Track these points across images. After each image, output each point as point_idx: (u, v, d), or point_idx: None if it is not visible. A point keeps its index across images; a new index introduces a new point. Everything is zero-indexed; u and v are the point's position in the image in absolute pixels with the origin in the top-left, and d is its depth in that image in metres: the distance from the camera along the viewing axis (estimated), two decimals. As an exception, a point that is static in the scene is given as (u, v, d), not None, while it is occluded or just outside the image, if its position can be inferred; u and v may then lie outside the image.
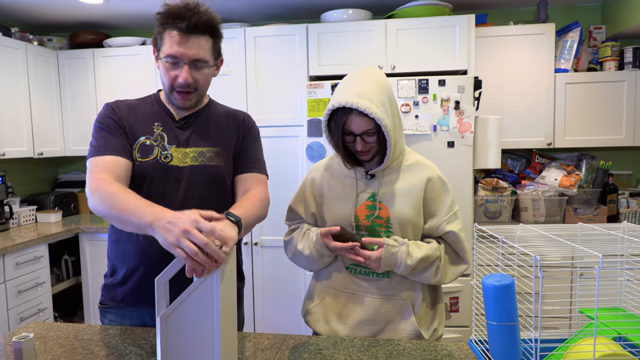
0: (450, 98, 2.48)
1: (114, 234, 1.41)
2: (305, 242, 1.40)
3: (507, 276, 0.80)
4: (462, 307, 2.54)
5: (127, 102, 1.41)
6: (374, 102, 1.23)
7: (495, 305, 0.79)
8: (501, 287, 0.77)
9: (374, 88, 1.26)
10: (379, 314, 1.35)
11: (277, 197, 2.91)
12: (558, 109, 2.90)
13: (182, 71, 1.27)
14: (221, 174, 1.39)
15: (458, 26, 2.70)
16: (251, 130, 1.48)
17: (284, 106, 2.92)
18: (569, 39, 2.91)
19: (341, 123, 1.27)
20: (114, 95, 3.27)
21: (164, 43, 1.27)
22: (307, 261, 1.41)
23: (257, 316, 3.02)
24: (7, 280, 2.60)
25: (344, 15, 2.89)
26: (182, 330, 1.06)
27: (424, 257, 1.30)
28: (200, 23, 1.24)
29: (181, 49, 1.25)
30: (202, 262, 0.97)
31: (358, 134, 1.28)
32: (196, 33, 1.25)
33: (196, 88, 1.32)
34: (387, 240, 1.30)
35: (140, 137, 1.35)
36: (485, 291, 0.81)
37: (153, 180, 1.32)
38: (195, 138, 1.38)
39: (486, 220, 2.93)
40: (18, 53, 3.04)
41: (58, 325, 1.40)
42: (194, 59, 1.27)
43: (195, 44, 1.26)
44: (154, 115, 1.38)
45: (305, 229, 1.44)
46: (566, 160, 3.13)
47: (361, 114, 1.24)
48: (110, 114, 1.35)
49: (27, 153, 3.11)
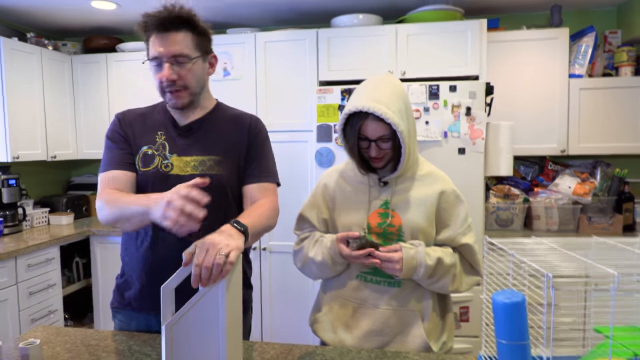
0: (461, 104, 2.45)
1: (127, 239, 1.43)
2: (318, 249, 1.38)
3: (517, 293, 0.77)
4: (473, 317, 2.50)
5: (135, 112, 1.44)
6: (390, 108, 1.23)
7: (505, 323, 0.77)
8: (512, 305, 0.75)
9: (391, 94, 1.26)
10: (387, 325, 1.33)
11: (285, 202, 2.90)
12: (572, 115, 2.85)
13: (164, 69, 1.26)
14: (221, 183, 1.36)
15: (470, 31, 2.67)
16: (259, 135, 1.44)
17: (294, 111, 2.91)
18: (583, 43, 2.87)
19: (357, 128, 1.27)
20: (126, 99, 3.30)
21: (150, 50, 1.30)
22: (319, 268, 1.39)
23: (264, 322, 3.01)
24: (19, 282, 2.62)
25: (354, 20, 2.88)
26: (187, 340, 1.05)
27: (441, 257, 1.29)
28: (173, 17, 1.26)
29: (160, 48, 1.26)
30: (183, 223, 1.01)
31: (373, 139, 1.28)
32: (173, 29, 1.26)
33: (185, 86, 1.30)
34: (403, 244, 1.29)
35: (143, 147, 1.37)
36: (495, 308, 0.79)
37: (154, 190, 1.31)
38: (196, 146, 1.37)
39: (497, 228, 2.89)
40: (33, 58, 3.08)
41: (66, 329, 1.40)
42: (173, 55, 1.26)
43: (172, 40, 1.26)
44: (158, 123, 1.40)
45: (318, 236, 1.42)
46: (580, 168, 3.07)
47: (377, 119, 1.24)
48: (116, 127, 1.40)
49: (40, 156, 3.15)
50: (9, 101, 2.89)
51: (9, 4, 2.92)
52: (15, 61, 2.94)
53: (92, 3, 2.90)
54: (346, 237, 1.31)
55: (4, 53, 2.84)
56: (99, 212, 1.27)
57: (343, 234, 1.32)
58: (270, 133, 2.84)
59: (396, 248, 1.28)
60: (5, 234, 2.93)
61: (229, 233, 1.09)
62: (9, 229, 2.96)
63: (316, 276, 1.45)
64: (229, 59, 2.96)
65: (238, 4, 2.96)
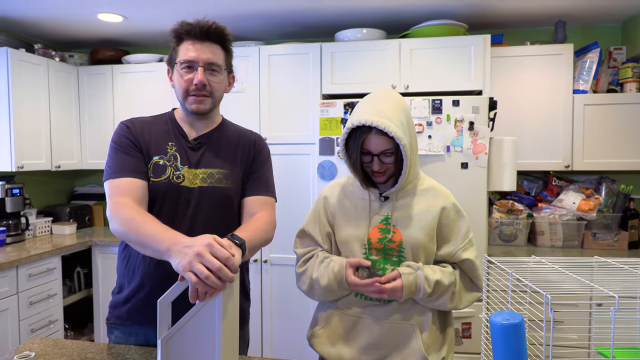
0: (464, 118, 2.45)
1: (123, 251, 1.42)
2: (324, 271, 1.35)
3: (516, 314, 0.76)
4: (475, 333, 2.47)
5: (142, 120, 1.42)
6: (393, 122, 1.23)
7: (503, 345, 0.75)
8: (510, 327, 0.73)
9: (394, 108, 1.27)
10: (386, 338, 1.32)
11: (288, 215, 2.90)
12: (576, 130, 2.84)
13: (197, 73, 1.30)
14: (229, 195, 1.38)
15: (473, 46, 2.68)
16: (262, 152, 1.47)
17: (297, 124, 2.92)
18: (587, 59, 2.86)
19: (360, 142, 1.27)
20: (131, 111, 3.32)
21: (179, 54, 1.33)
22: (323, 292, 1.36)
23: (264, 334, 2.98)
24: (20, 292, 2.62)
25: (358, 35, 2.90)
26: (183, 354, 1.04)
27: (440, 280, 1.28)
28: (212, 30, 1.32)
29: (195, 53, 1.31)
30: (212, 285, 0.97)
31: (376, 153, 1.27)
32: (208, 40, 1.32)
33: (212, 93, 1.35)
34: (402, 270, 1.28)
35: (154, 157, 1.35)
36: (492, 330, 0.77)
37: (165, 200, 1.33)
38: (205, 159, 1.38)
39: (501, 243, 2.86)
40: (40, 69, 3.12)
41: (63, 342, 1.39)
42: (208, 62, 1.32)
43: (208, 49, 1.32)
44: (168, 134, 1.39)
45: (322, 257, 1.39)
46: (585, 184, 3.05)
47: (380, 133, 1.24)
48: (126, 133, 1.36)
49: (45, 166, 3.17)
50: (15, 111, 2.91)
51: (18, 16, 2.96)
52: (22, 72, 2.97)
53: (99, 15, 2.94)
54: (357, 263, 1.29)
55: (11, 64, 2.88)
56: (110, 223, 1.23)
57: (355, 260, 1.30)
58: (273, 146, 2.90)
59: (395, 276, 1.27)
60: (7, 243, 2.94)
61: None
62: (12, 238, 2.97)
63: (321, 299, 1.41)
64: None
65: (243, 17, 2.99)
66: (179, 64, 1.33)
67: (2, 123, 2.91)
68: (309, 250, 1.44)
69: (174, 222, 1.31)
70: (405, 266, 1.30)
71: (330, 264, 1.35)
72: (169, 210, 1.33)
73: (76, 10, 2.84)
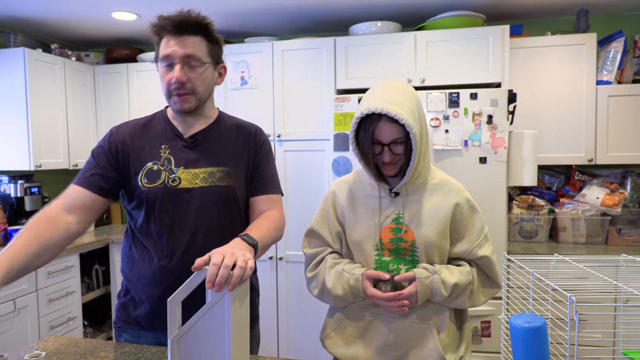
0: (482, 112, 2.38)
1: (128, 254, 1.38)
2: (338, 282, 1.31)
3: (538, 317, 0.71)
4: (494, 332, 2.41)
5: (134, 124, 1.38)
6: (404, 109, 1.19)
7: (523, 349, 0.71)
8: (531, 330, 0.69)
9: (404, 96, 1.22)
10: (401, 337, 1.28)
11: (302, 212, 2.88)
12: (600, 123, 2.74)
13: (175, 70, 1.24)
14: (233, 194, 1.34)
15: (492, 37, 2.61)
16: (263, 146, 1.42)
17: (311, 120, 2.89)
18: (612, 49, 2.76)
19: (370, 131, 1.22)
20: (146, 108, 3.34)
21: (160, 50, 1.27)
22: (337, 301, 1.34)
23: (280, 334, 2.97)
24: (39, 289, 2.66)
25: (372, 28, 2.85)
26: (194, 354, 1.02)
27: (457, 282, 1.24)
28: (189, 21, 1.24)
29: (172, 48, 1.24)
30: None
31: (386, 143, 1.22)
32: (187, 33, 1.25)
33: (193, 90, 1.28)
34: (417, 273, 1.24)
35: (147, 163, 1.32)
36: (513, 333, 0.73)
37: (163, 205, 1.30)
38: (204, 158, 1.34)
39: (521, 240, 2.79)
40: (57, 68, 3.15)
41: (76, 340, 1.39)
42: (185, 56, 1.24)
43: (186, 43, 1.24)
44: (161, 136, 1.35)
45: (331, 262, 1.36)
46: (609, 178, 2.94)
47: (390, 120, 1.19)
48: (105, 144, 1.34)
49: (62, 165, 3.21)
50: (32, 111, 2.95)
51: (35, 16, 3.00)
52: (39, 72, 3.01)
53: (113, 14, 2.95)
54: (376, 276, 1.26)
55: (28, 64, 2.92)
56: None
57: (374, 273, 1.26)
58: (287, 142, 2.88)
59: (411, 277, 1.24)
60: (27, 241, 2.98)
61: (240, 247, 1.07)
62: (31, 236, 3.01)
63: (335, 305, 1.38)
64: (246, 67, 2.96)
65: (256, 13, 2.96)
66: (159, 62, 1.27)
67: (20, 123, 2.95)
68: (318, 251, 1.41)
69: (176, 226, 1.30)
70: (422, 268, 1.26)
71: (344, 276, 1.30)
72: (170, 214, 1.30)
73: (91, 9, 2.86)
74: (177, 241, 1.30)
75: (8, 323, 2.47)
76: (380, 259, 1.31)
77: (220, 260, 0.97)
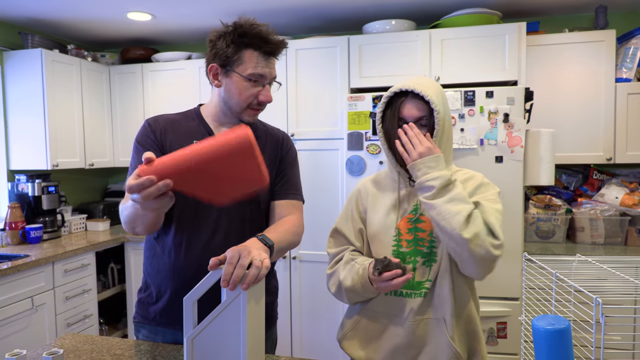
0: (498, 110, 2.35)
1: (149, 248, 1.41)
2: (348, 273, 1.31)
3: (561, 319, 0.69)
4: (510, 333, 2.37)
5: (166, 117, 1.40)
6: (430, 90, 1.26)
7: (547, 351, 0.69)
8: (555, 332, 0.67)
9: (432, 84, 1.31)
10: (415, 336, 1.27)
11: (316, 211, 2.87)
12: (619, 121, 2.69)
13: (266, 90, 1.31)
14: (257, 197, 1.36)
15: (508, 35, 2.57)
16: (289, 152, 1.45)
17: (324, 119, 2.88)
18: (631, 46, 2.70)
19: (397, 107, 1.29)
20: (161, 108, 3.37)
21: (244, 62, 1.28)
22: (348, 293, 1.33)
23: (294, 334, 2.97)
24: (56, 287, 2.69)
25: (386, 26, 2.83)
26: (209, 353, 1.02)
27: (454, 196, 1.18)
28: (279, 48, 1.31)
29: (266, 69, 1.29)
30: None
31: (411, 120, 1.28)
32: (274, 55, 1.32)
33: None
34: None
35: None
36: (536, 335, 0.71)
37: (188, 200, 1.31)
38: None
39: (537, 240, 2.75)
40: (73, 69, 3.19)
41: (93, 338, 1.41)
42: (274, 79, 1.34)
43: (273, 64, 1.33)
44: (193, 131, 1.37)
45: (347, 257, 1.36)
46: (628, 177, 2.88)
47: (417, 98, 1.27)
48: (148, 132, 1.36)
49: (79, 164, 3.25)
50: (49, 111, 2.99)
51: (51, 17, 3.04)
52: (56, 72, 3.05)
53: (129, 14, 2.97)
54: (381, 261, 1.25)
55: (45, 65, 2.96)
56: (121, 217, 1.25)
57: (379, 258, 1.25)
58: (301, 141, 2.87)
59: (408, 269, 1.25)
60: (44, 239, 3.02)
61: (256, 246, 1.07)
62: (48, 235, 3.06)
63: (350, 301, 1.37)
64: (260, 67, 2.96)
65: (271, 12, 2.96)
66: (245, 75, 1.28)
67: (37, 122, 3.00)
68: (340, 250, 1.41)
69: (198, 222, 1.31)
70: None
71: (355, 266, 1.31)
72: (193, 208, 1.31)
73: (106, 10, 2.89)
74: (198, 237, 1.32)
75: (26, 320, 2.51)
76: (397, 250, 1.30)
77: (236, 259, 0.98)
